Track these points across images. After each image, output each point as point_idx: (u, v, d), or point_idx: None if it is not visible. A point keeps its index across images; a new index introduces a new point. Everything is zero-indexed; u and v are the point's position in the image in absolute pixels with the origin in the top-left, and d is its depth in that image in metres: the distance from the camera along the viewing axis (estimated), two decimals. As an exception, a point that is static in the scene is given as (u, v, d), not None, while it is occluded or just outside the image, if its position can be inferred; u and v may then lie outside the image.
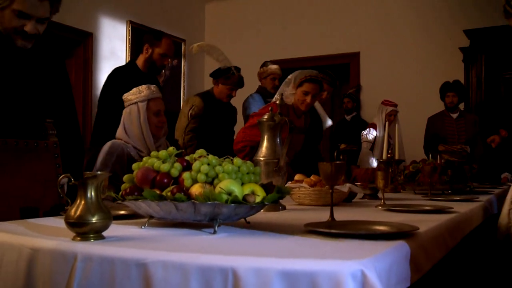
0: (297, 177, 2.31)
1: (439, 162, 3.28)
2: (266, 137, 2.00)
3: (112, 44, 5.37)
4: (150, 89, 2.55)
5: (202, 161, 1.40)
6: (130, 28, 5.51)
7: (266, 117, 2.01)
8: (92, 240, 1.18)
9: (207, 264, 0.98)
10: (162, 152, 1.48)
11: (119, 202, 1.45)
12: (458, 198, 2.54)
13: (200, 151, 1.50)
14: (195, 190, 1.34)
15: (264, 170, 1.91)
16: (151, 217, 1.41)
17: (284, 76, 4.44)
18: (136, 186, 1.43)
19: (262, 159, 1.95)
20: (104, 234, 1.22)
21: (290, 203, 2.20)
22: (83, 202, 1.20)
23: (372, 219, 1.55)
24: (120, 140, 2.54)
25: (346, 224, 1.40)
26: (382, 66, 5.84)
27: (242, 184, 1.40)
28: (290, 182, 2.27)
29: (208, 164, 1.39)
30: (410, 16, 5.72)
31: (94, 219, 1.18)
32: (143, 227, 1.40)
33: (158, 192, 1.35)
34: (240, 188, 1.34)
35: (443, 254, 1.53)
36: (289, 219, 1.66)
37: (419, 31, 5.65)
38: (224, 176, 1.37)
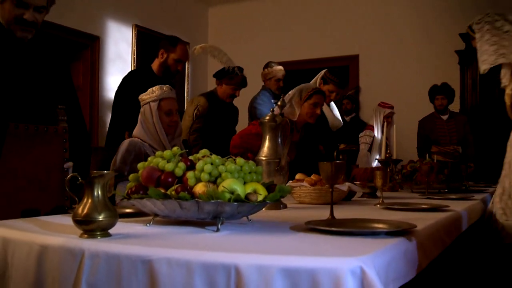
0: (298, 176, 2.31)
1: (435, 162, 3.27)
2: (267, 137, 1.99)
3: (118, 47, 5.37)
4: (162, 89, 2.57)
5: (206, 160, 1.40)
6: (136, 32, 5.52)
7: (267, 118, 2.01)
8: (99, 238, 1.18)
9: (210, 261, 0.98)
10: (167, 152, 1.48)
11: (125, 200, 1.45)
12: (454, 197, 2.54)
13: (204, 151, 1.50)
14: (199, 189, 1.34)
15: (266, 169, 1.91)
16: (156, 215, 1.41)
17: (285, 77, 4.44)
18: (141, 185, 1.43)
19: (264, 158, 1.95)
20: (111, 231, 1.22)
21: (291, 201, 2.20)
22: (90, 201, 1.20)
23: (371, 217, 1.55)
24: (137, 138, 2.55)
25: (345, 222, 1.40)
26: (380, 68, 5.83)
27: (245, 183, 1.40)
28: (291, 181, 2.27)
29: (212, 164, 1.39)
30: (407, 20, 5.71)
31: (101, 217, 1.18)
32: (148, 225, 1.40)
33: (162, 191, 1.35)
34: (242, 187, 1.34)
35: (439, 251, 1.53)
36: (290, 217, 1.66)
37: (416, 34, 5.65)
38: (227, 176, 1.37)
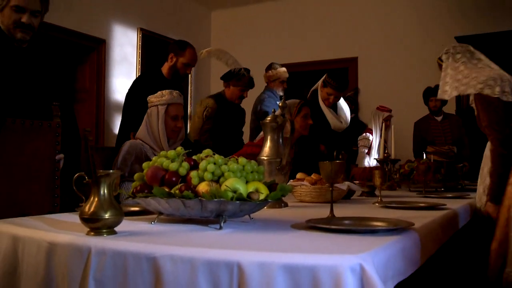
0: (298, 175, 2.31)
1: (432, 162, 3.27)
2: (269, 137, 1.99)
3: (123, 50, 5.37)
4: (171, 94, 2.57)
5: (209, 160, 1.40)
6: (141, 35, 5.52)
7: (269, 118, 2.01)
8: (105, 235, 1.18)
9: (213, 258, 0.98)
10: (171, 152, 1.48)
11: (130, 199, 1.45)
12: (450, 195, 2.54)
13: (207, 151, 1.50)
14: (202, 188, 1.34)
15: (267, 169, 1.91)
16: (160, 213, 1.41)
17: (287, 79, 4.44)
18: (146, 184, 1.43)
19: (266, 158, 1.95)
20: (116, 229, 1.22)
21: (292, 200, 2.20)
22: (96, 199, 1.20)
23: (370, 215, 1.55)
24: (138, 140, 2.56)
25: (345, 220, 1.39)
26: (378, 70, 5.82)
27: (247, 182, 1.40)
28: (292, 181, 2.27)
29: (214, 163, 1.39)
30: (405, 24, 5.70)
31: (107, 215, 1.18)
32: (152, 222, 1.40)
33: (167, 189, 1.35)
34: (244, 186, 1.34)
35: (436, 247, 1.53)
36: (291, 216, 1.66)
37: (413, 37, 5.63)
38: (230, 175, 1.37)
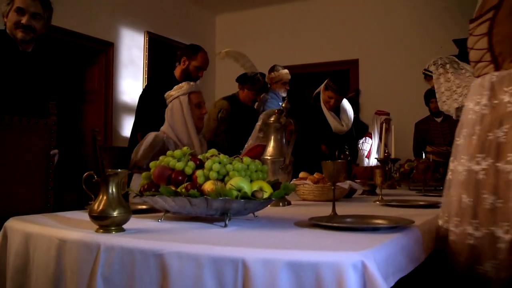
0: (301, 174, 2.31)
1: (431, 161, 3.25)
2: (272, 137, 1.99)
3: (131, 53, 5.39)
4: (189, 84, 2.53)
5: (214, 160, 1.40)
6: (148, 38, 5.54)
7: (272, 119, 2.01)
8: (113, 232, 1.18)
9: (219, 255, 0.98)
10: (177, 152, 1.48)
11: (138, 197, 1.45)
12: (449, 194, 2.52)
13: (212, 151, 1.50)
14: (208, 186, 1.33)
15: (271, 168, 1.90)
16: (167, 211, 1.41)
17: (290, 80, 4.43)
18: (153, 182, 1.43)
19: (269, 158, 1.95)
20: (124, 226, 1.22)
21: (295, 198, 2.20)
22: (105, 198, 1.20)
23: (371, 213, 1.54)
24: (163, 133, 2.44)
25: (347, 218, 1.39)
26: (379, 72, 5.81)
27: (251, 181, 1.39)
28: (295, 179, 2.26)
29: (220, 163, 1.39)
30: (405, 26, 5.69)
31: (115, 213, 1.18)
32: (159, 220, 1.40)
33: (173, 188, 1.35)
34: (249, 185, 1.34)
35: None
36: (294, 214, 1.65)
37: (413, 38, 5.61)
38: (234, 174, 1.37)
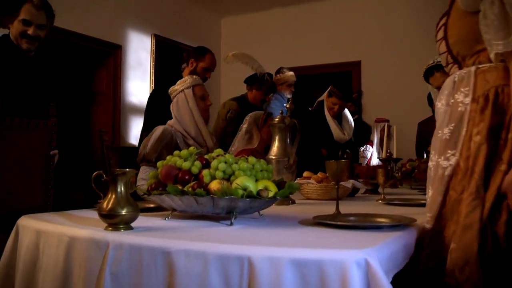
0: (305, 174, 2.30)
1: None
2: (277, 138, 1.99)
3: (138, 55, 5.40)
4: (192, 77, 2.51)
5: (220, 159, 1.40)
6: (155, 41, 5.55)
7: (277, 119, 2.01)
8: (122, 230, 1.18)
9: (225, 253, 0.98)
10: (184, 152, 1.48)
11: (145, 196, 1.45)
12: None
13: (218, 151, 1.50)
14: (214, 186, 1.33)
15: (276, 167, 1.90)
16: (174, 210, 1.41)
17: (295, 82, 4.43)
18: (160, 182, 1.43)
19: (274, 157, 1.94)
20: (133, 225, 1.22)
21: (299, 197, 2.19)
22: (113, 196, 1.20)
23: (374, 212, 1.54)
24: (171, 127, 2.43)
25: (350, 216, 1.39)
26: (381, 73, 5.80)
27: (256, 180, 1.39)
28: (299, 179, 2.26)
29: (225, 162, 1.39)
30: (405, 27, 5.67)
31: (124, 212, 1.19)
32: (166, 219, 1.40)
33: (180, 187, 1.35)
34: (254, 184, 1.34)
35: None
36: (298, 212, 1.65)
37: (414, 39, 5.59)
38: (240, 173, 1.37)
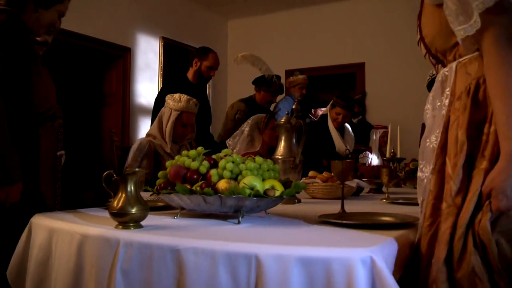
0: (311, 173, 2.30)
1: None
2: (283, 138, 1.99)
3: (147, 57, 5.42)
4: (188, 102, 2.49)
5: (227, 159, 1.40)
6: (163, 43, 5.57)
7: (283, 120, 2.00)
8: (132, 229, 1.19)
9: (233, 251, 0.98)
10: (192, 152, 1.49)
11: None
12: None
13: (226, 151, 1.50)
14: (221, 185, 1.34)
15: (282, 167, 1.90)
16: (183, 208, 1.41)
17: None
18: (169, 181, 1.44)
19: (280, 157, 1.94)
20: (142, 223, 1.23)
21: (305, 196, 2.19)
22: (124, 195, 1.21)
23: (378, 211, 1.53)
24: (148, 137, 2.55)
25: (355, 215, 1.38)
26: (384, 74, 5.79)
27: (263, 180, 1.39)
28: (305, 178, 2.26)
29: (233, 162, 1.39)
30: (408, 29, 5.62)
31: (134, 210, 1.19)
32: (175, 217, 1.41)
33: (188, 187, 1.35)
34: (261, 183, 1.34)
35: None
36: (304, 211, 1.65)
37: (415, 41, 5.57)
38: (247, 173, 1.37)
